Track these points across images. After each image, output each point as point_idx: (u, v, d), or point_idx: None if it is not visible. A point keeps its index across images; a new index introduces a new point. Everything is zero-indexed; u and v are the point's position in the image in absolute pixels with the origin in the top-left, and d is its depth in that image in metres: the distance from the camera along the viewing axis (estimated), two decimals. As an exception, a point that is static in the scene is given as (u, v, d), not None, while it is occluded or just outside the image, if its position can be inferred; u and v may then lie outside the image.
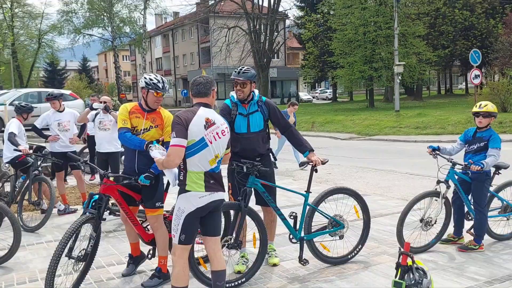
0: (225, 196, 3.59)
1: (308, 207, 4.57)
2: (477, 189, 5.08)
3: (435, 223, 5.09)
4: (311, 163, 4.50)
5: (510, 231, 5.50)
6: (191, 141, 3.36)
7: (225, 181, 3.73)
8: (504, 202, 5.47)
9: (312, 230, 4.60)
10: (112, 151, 6.97)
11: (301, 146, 4.60)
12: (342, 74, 33.05)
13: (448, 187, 5.09)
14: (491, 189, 5.30)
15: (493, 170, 5.22)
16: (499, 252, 5.07)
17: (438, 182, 5.09)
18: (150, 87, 4.20)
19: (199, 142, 3.37)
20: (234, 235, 4.20)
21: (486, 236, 5.23)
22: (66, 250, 3.93)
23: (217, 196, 3.48)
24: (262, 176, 4.43)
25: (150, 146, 3.82)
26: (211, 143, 3.42)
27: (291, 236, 4.55)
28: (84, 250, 4.08)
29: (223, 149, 3.58)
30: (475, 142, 5.11)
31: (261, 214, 4.64)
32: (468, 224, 5.35)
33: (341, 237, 4.75)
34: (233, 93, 4.58)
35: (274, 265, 4.67)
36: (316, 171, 4.57)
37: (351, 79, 32.87)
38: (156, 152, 3.67)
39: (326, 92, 58.55)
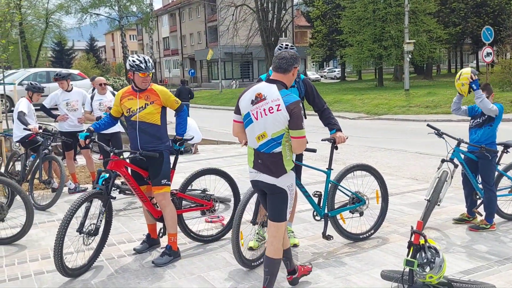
0: (275, 181, 3.29)
1: (330, 183, 4.57)
2: (485, 167, 5.02)
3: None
4: (332, 140, 4.42)
5: (521, 210, 5.45)
6: (243, 115, 3.41)
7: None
8: None
9: (335, 207, 4.61)
10: (114, 131, 6.93)
11: (330, 124, 4.53)
12: (351, 53, 32.60)
13: (456, 166, 5.05)
14: (500, 168, 5.24)
15: (501, 149, 5.16)
16: (510, 231, 5.04)
17: (443, 161, 5.05)
18: (134, 69, 4.26)
19: (246, 117, 3.37)
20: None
21: (497, 216, 5.18)
22: (77, 226, 4.01)
23: (263, 177, 3.31)
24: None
25: None
26: (256, 119, 3.28)
27: (315, 213, 4.55)
28: (94, 225, 4.12)
29: (274, 129, 3.22)
30: (480, 115, 5.08)
31: None
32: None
33: (361, 214, 4.76)
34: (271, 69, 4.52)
35: (294, 245, 4.67)
36: (336, 148, 4.51)
37: (360, 58, 32.43)
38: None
39: (334, 71, 57.90)
